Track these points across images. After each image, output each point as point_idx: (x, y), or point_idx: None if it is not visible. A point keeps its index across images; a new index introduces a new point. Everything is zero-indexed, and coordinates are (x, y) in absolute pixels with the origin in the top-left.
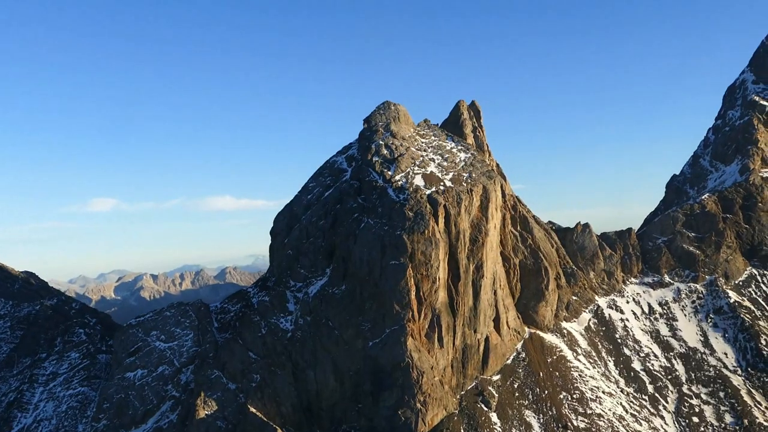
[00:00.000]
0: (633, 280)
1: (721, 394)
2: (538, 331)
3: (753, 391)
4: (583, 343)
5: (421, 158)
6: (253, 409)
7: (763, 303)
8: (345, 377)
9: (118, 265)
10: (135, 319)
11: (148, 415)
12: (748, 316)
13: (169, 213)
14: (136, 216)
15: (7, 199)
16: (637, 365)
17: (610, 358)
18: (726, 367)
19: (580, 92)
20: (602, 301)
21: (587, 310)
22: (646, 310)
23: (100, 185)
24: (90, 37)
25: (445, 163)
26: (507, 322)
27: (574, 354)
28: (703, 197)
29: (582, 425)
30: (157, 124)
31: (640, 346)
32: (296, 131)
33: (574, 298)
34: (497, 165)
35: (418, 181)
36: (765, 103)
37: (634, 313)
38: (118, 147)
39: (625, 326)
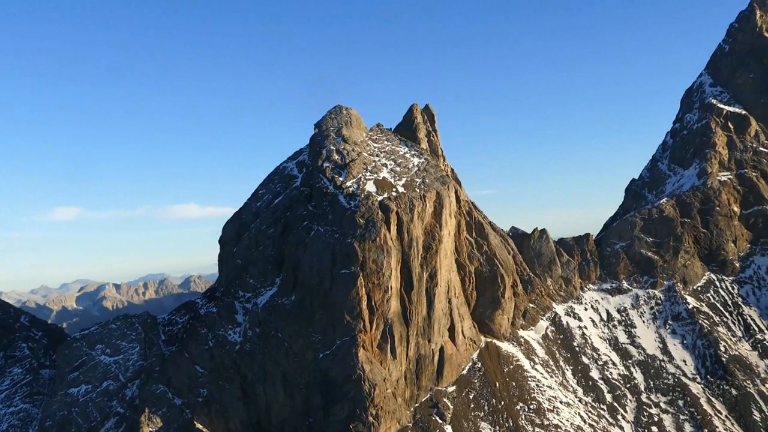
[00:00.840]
0: (591, 286)
1: (681, 403)
2: (494, 340)
3: (712, 399)
4: (541, 351)
5: (374, 163)
6: (199, 426)
7: (722, 308)
8: (295, 391)
9: (81, 275)
10: (79, 333)
11: None
12: (706, 322)
13: (134, 222)
14: (101, 225)
15: None
16: (595, 374)
17: (567, 367)
18: (685, 374)
19: (547, 94)
20: (560, 309)
21: (544, 318)
22: (605, 317)
23: (63, 194)
24: (50, 40)
25: (397, 169)
26: (462, 332)
27: (531, 363)
28: (661, 201)
29: None
30: (124, 131)
31: (599, 354)
32: (259, 136)
33: (531, 305)
34: (452, 170)
35: (370, 187)
36: (722, 106)
37: (593, 321)
38: (83, 155)
39: (583, 334)
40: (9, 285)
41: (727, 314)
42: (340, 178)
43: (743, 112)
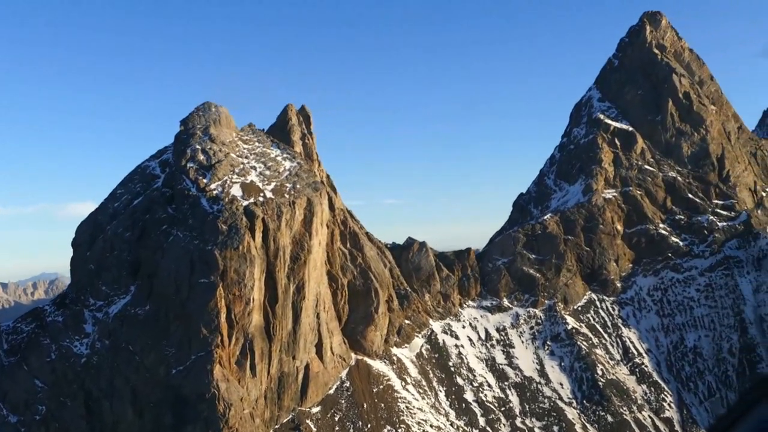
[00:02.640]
0: (470, 303)
1: (555, 429)
2: (365, 358)
3: (588, 425)
4: (414, 371)
5: (242, 166)
6: None
7: (601, 330)
8: (145, 409)
9: None
10: None
11: None
12: (585, 343)
13: (29, 219)
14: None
15: None
16: (469, 396)
17: (441, 388)
18: (561, 398)
19: (445, 104)
20: (437, 326)
21: (420, 335)
22: (483, 336)
23: None
24: None
25: (267, 172)
26: (331, 348)
27: (403, 383)
28: (545, 218)
29: None
30: (20, 126)
31: (474, 375)
32: (145, 132)
33: (406, 322)
34: (327, 176)
35: (236, 190)
36: (610, 121)
37: (470, 339)
38: None
39: (460, 353)
40: None
41: (606, 336)
42: (204, 180)
43: (630, 128)
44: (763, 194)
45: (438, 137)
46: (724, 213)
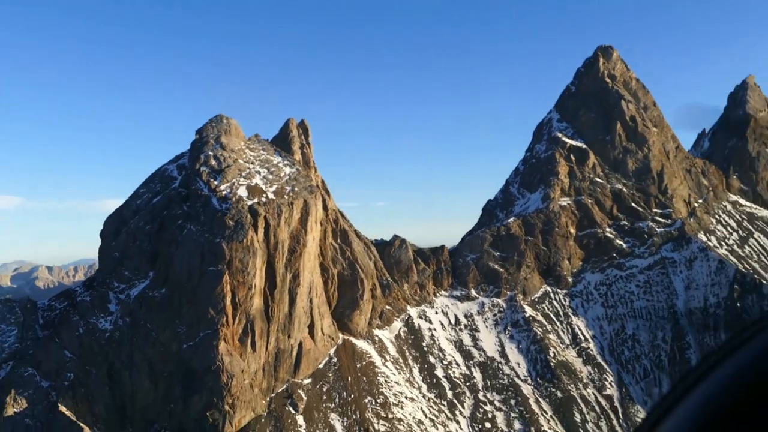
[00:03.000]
0: (443, 293)
1: (512, 402)
2: (351, 338)
3: (540, 399)
4: (392, 350)
5: (248, 170)
6: (63, 408)
7: (554, 318)
8: (159, 379)
9: (19, 257)
10: None
11: None
12: (540, 329)
13: (69, 211)
14: (40, 213)
15: None
16: (439, 372)
17: (415, 365)
18: (518, 376)
19: (430, 120)
20: (413, 311)
21: (399, 319)
22: (453, 321)
23: (6, 184)
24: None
25: (270, 176)
26: (322, 329)
27: (383, 360)
28: (509, 221)
29: (383, 429)
30: (56, 131)
31: (444, 354)
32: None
33: (387, 307)
34: (322, 181)
35: (242, 192)
36: (566, 139)
37: (442, 324)
38: (25, 148)
39: (432, 335)
40: None
41: (558, 323)
42: (215, 182)
43: (584, 146)
44: (696, 205)
45: (422, 150)
46: (662, 220)
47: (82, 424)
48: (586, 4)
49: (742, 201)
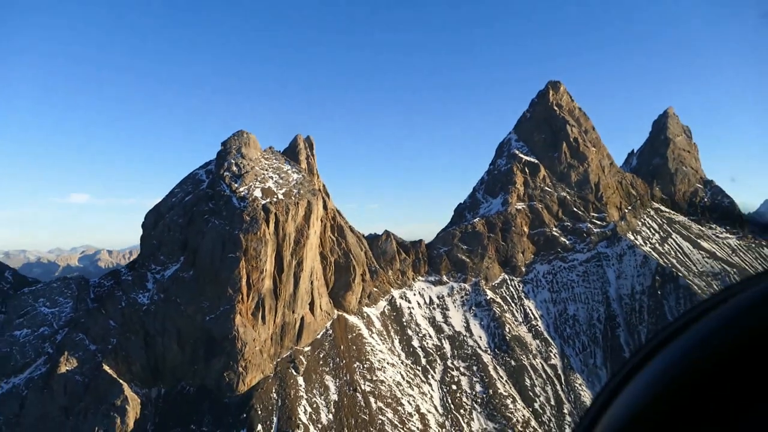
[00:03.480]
0: (420, 278)
1: (475, 368)
2: (344, 314)
3: (498, 367)
4: (378, 324)
5: (263, 176)
6: (106, 367)
7: (510, 300)
8: (186, 344)
9: (87, 241)
10: (27, 288)
11: (25, 367)
12: (498, 309)
13: (127, 206)
14: (103, 208)
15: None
16: (415, 343)
17: (396, 337)
18: (480, 347)
19: (415, 137)
20: (396, 293)
21: (384, 299)
22: (428, 301)
23: (77, 183)
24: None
25: (280, 181)
26: (320, 306)
27: (370, 332)
28: (475, 220)
29: (368, 388)
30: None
31: (420, 329)
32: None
33: (375, 289)
34: (323, 186)
35: (257, 193)
36: (522, 156)
37: (419, 303)
38: (92, 150)
39: (411, 313)
40: (32, 245)
41: (513, 304)
42: (235, 185)
43: (536, 161)
44: (625, 211)
45: (408, 164)
46: (598, 222)
47: (121, 381)
48: (542, 43)
49: (663, 208)
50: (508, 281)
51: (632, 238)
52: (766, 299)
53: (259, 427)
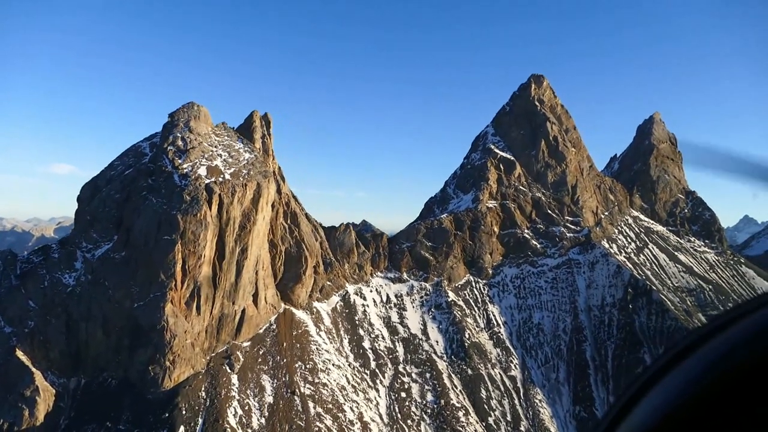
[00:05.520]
0: (379, 274)
1: (428, 375)
2: (292, 308)
3: (453, 375)
4: (328, 321)
5: (210, 153)
6: (19, 353)
7: (473, 303)
8: (112, 332)
9: (67, 213)
10: None
11: None
12: (459, 313)
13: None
14: (86, 179)
15: None
16: (366, 344)
17: (346, 336)
18: (435, 352)
19: (389, 128)
20: (351, 288)
21: (337, 294)
22: (384, 299)
23: (61, 154)
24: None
25: (230, 160)
26: (265, 298)
27: (317, 330)
28: (442, 216)
29: (308, 392)
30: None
31: (373, 329)
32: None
33: (328, 283)
34: (279, 168)
35: (202, 171)
36: (498, 151)
37: (374, 301)
38: (78, 125)
39: (365, 311)
40: (10, 213)
41: (476, 308)
42: (179, 161)
43: (512, 158)
44: (602, 216)
45: (382, 154)
46: (572, 227)
47: (34, 369)
48: (531, 34)
49: (642, 216)
50: (473, 283)
51: (607, 245)
52: None
53: (182, 428)
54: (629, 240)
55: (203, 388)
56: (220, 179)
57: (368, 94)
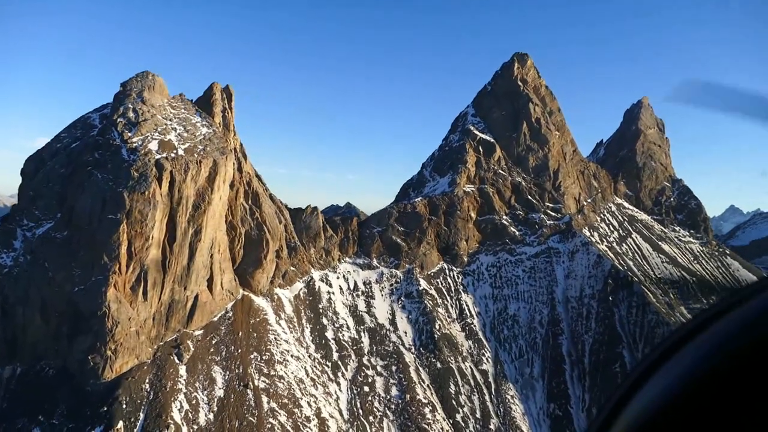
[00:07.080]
0: (347, 259)
1: (394, 368)
2: (251, 294)
3: (420, 369)
4: (289, 309)
5: (164, 126)
6: None
7: (446, 293)
8: (51, 317)
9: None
10: None
11: None
12: (430, 302)
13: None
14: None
15: None
16: (330, 334)
17: (308, 325)
18: (403, 344)
19: (369, 108)
20: (316, 274)
21: (301, 281)
22: (352, 286)
23: (45, 128)
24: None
25: (185, 134)
26: (221, 283)
27: (277, 318)
28: (416, 200)
29: (262, 385)
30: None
31: (338, 318)
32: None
33: (292, 268)
34: (241, 145)
35: (153, 146)
36: (478, 133)
37: (341, 288)
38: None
39: (330, 298)
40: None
41: (449, 298)
42: (129, 134)
43: (492, 140)
44: (584, 203)
45: (359, 133)
46: (553, 214)
47: None
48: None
49: (626, 204)
50: (447, 271)
51: (588, 234)
52: None
53: (121, 423)
54: (612, 228)
55: (147, 380)
56: (173, 155)
57: (360, 73)
